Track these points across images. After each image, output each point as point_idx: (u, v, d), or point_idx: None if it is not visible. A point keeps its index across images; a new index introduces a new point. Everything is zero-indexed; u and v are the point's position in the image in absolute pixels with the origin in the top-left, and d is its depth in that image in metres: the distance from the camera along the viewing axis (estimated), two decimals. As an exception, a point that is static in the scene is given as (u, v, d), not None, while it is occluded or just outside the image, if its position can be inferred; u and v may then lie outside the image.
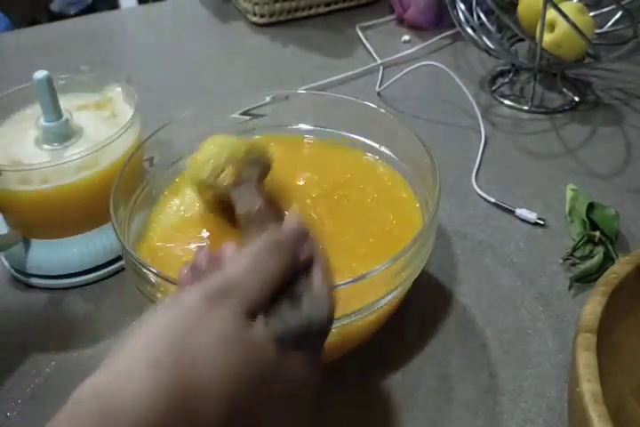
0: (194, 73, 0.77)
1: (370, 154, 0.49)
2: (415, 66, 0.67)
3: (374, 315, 0.37)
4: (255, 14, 0.85)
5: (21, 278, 0.49)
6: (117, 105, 0.50)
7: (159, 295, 0.36)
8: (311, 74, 0.74)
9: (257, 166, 0.41)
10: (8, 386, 0.41)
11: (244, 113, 0.50)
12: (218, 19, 0.90)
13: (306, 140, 0.50)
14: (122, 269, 0.48)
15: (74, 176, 0.44)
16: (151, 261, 0.39)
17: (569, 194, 0.53)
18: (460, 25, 0.68)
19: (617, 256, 0.47)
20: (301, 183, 0.46)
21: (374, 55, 0.77)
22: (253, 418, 0.24)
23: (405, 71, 0.68)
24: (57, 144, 0.46)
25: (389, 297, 0.37)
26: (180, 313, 0.24)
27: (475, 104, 0.65)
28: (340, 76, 0.73)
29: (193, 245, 0.41)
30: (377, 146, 0.49)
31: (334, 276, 0.29)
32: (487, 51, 0.67)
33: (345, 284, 0.33)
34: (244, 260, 0.26)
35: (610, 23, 0.71)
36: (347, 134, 0.50)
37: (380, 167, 0.48)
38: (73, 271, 0.47)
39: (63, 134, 0.46)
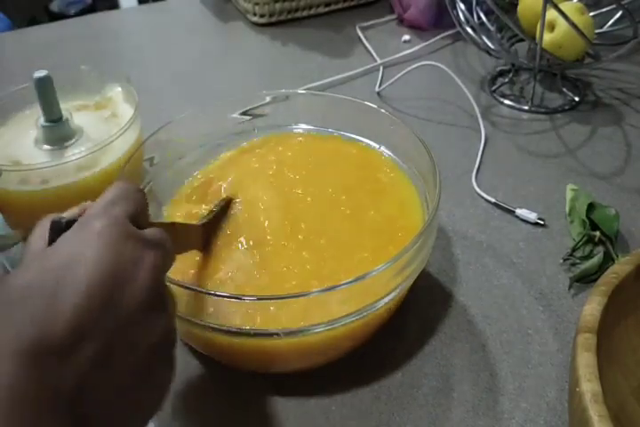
0: (194, 73, 0.77)
1: (374, 150, 0.49)
2: (415, 66, 0.67)
3: (374, 315, 0.37)
4: (255, 14, 0.85)
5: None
6: (117, 105, 0.50)
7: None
8: (311, 74, 0.74)
9: None
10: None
11: (244, 113, 0.50)
12: (218, 19, 0.90)
13: (305, 138, 0.50)
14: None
15: (74, 176, 0.44)
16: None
17: (569, 194, 0.53)
18: (460, 25, 0.68)
19: (617, 256, 0.47)
20: (299, 182, 0.46)
21: (374, 55, 0.77)
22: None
23: (405, 71, 0.68)
24: (57, 144, 0.46)
25: (389, 297, 0.37)
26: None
27: (475, 104, 0.65)
28: (339, 76, 0.73)
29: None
30: (377, 146, 0.49)
31: None
32: (487, 51, 0.67)
33: (345, 284, 0.34)
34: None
35: (610, 23, 0.71)
36: (346, 134, 0.50)
37: (382, 166, 0.48)
38: (73, 271, 0.47)
39: (63, 134, 0.46)
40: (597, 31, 0.69)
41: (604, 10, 0.71)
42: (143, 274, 0.25)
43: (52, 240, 0.26)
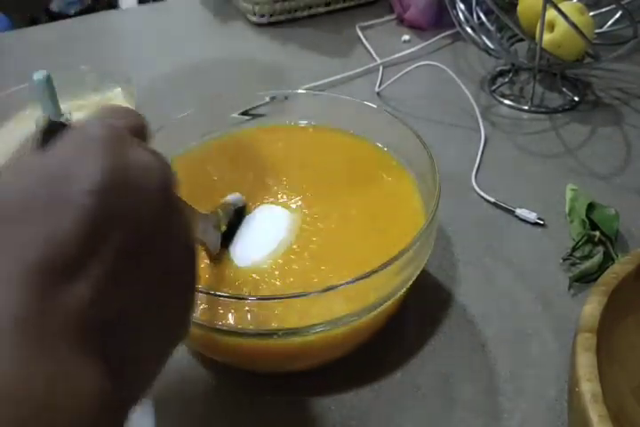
0: (194, 73, 0.77)
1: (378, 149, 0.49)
2: (415, 66, 0.67)
3: (374, 315, 0.37)
4: (255, 14, 0.85)
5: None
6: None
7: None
8: (311, 74, 0.74)
9: None
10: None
11: (244, 113, 0.50)
12: (218, 19, 0.90)
13: (309, 130, 0.50)
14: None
15: (74, 176, 0.44)
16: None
17: (569, 194, 0.53)
18: (460, 25, 0.68)
19: (617, 256, 0.47)
20: (302, 180, 0.46)
21: (374, 55, 0.77)
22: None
23: (405, 71, 0.68)
24: (57, 144, 0.46)
25: (389, 297, 0.37)
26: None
27: (475, 104, 0.65)
28: (339, 76, 0.73)
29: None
30: (376, 145, 0.49)
31: None
32: (487, 51, 0.67)
33: (345, 284, 0.33)
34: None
35: (610, 23, 0.71)
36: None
37: (382, 165, 0.48)
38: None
39: (63, 134, 0.46)
40: (597, 31, 0.69)
41: (603, 10, 0.71)
42: (153, 178, 0.22)
43: (41, 142, 0.22)
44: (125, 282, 0.21)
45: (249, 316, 0.35)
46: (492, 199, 0.54)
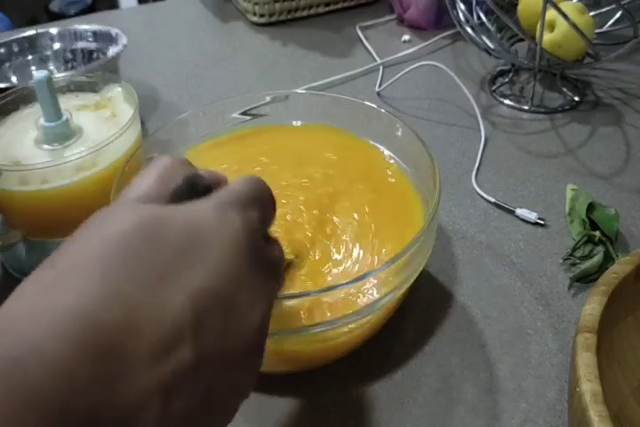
0: (194, 73, 0.77)
1: (378, 146, 0.49)
2: (415, 66, 0.67)
3: (374, 315, 0.37)
4: (255, 14, 0.86)
5: (21, 279, 0.48)
6: (117, 105, 0.50)
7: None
8: (311, 74, 0.74)
9: None
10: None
11: (244, 113, 0.50)
12: (218, 19, 0.90)
13: (308, 130, 0.50)
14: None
15: (74, 176, 0.44)
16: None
17: (569, 194, 0.53)
18: (460, 25, 0.68)
19: (617, 256, 0.47)
20: (302, 179, 0.46)
21: (374, 55, 0.77)
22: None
23: (405, 71, 0.68)
24: (57, 144, 0.46)
25: (389, 297, 0.37)
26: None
27: (475, 104, 0.65)
28: (339, 76, 0.73)
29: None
30: (376, 146, 0.49)
31: None
32: (487, 51, 0.67)
33: (345, 284, 0.33)
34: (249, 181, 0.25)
35: (610, 23, 0.71)
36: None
37: (383, 164, 0.47)
38: (73, 271, 0.47)
39: (63, 134, 0.46)
40: (597, 31, 0.69)
41: (603, 10, 0.71)
42: (256, 310, 0.22)
43: (179, 196, 0.23)
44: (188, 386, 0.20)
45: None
46: (492, 199, 0.54)
